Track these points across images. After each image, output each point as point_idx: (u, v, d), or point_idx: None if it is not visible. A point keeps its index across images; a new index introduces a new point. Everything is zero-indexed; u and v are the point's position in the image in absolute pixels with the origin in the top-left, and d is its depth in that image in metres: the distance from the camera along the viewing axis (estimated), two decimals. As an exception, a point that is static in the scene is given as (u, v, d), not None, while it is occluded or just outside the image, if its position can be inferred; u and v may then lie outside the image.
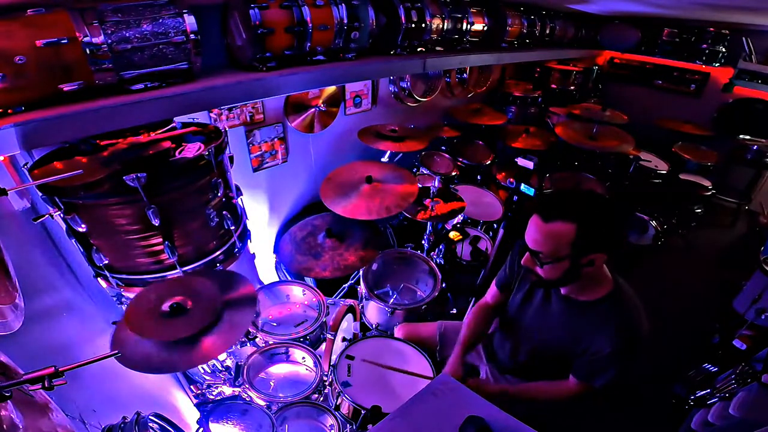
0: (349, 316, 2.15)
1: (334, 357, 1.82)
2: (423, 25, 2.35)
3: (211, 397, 1.97)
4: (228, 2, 1.74)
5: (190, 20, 1.41)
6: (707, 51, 4.19)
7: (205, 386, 2.00)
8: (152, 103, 1.37)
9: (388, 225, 3.25)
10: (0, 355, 0.85)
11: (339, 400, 1.65)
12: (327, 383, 1.79)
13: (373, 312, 2.32)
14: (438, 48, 2.65)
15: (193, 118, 1.88)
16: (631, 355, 1.28)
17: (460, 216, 2.79)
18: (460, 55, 2.77)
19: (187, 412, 2.05)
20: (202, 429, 1.60)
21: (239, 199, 1.79)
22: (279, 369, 1.96)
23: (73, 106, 1.24)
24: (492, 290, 1.73)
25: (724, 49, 4.15)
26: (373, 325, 2.32)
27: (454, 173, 3.38)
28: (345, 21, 1.87)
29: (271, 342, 1.93)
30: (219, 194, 1.56)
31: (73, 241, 1.46)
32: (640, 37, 4.51)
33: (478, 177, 3.63)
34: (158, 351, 1.25)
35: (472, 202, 3.03)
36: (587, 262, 1.23)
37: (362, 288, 2.29)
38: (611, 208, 1.23)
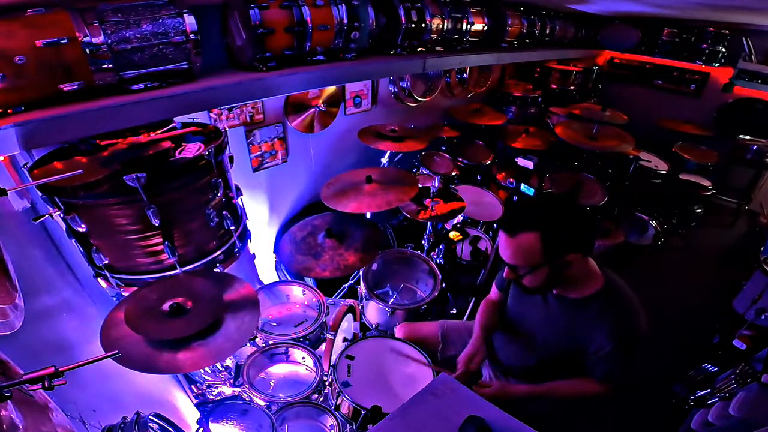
0: (349, 316, 2.15)
1: (334, 357, 1.82)
2: (423, 25, 2.35)
3: (211, 397, 1.97)
4: (228, 2, 1.74)
5: (190, 20, 1.41)
6: (707, 51, 4.19)
7: (205, 386, 2.00)
8: (152, 103, 1.37)
9: (388, 225, 3.25)
10: (0, 354, 0.85)
11: (339, 400, 1.65)
12: (327, 383, 1.79)
13: (373, 312, 2.32)
14: (438, 48, 2.65)
15: (193, 118, 1.88)
16: (632, 350, 1.29)
17: (460, 216, 2.79)
18: (460, 55, 2.77)
19: (187, 412, 2.05)
20: (202, 429, 1.60)
21: (239, 199, 1.79)
22: (279, 369, 1.96)
23: (73, 106, 1.24)
24: (494, 290, 1.76)
25: (724, 49, 4.15)
26: (373, 325, 2.32)
27: (454, 173, 3.38)
28: (345, 21, 1.87)
29: (271, 342, 1.93)
30: (219, 194, 1.56)
31: (73, 241, 1.46)
32: (640, 37, 4.51)
33: (478, 177, 3.63)
34: (158, 351, 1.25)
35: (472, 202, 3.03)
36: (564, 264, 1.26)
37: (362, 288, 2.29)
38: (570, 209, 1.29)
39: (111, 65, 1.29)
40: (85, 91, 1.28)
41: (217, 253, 1.65)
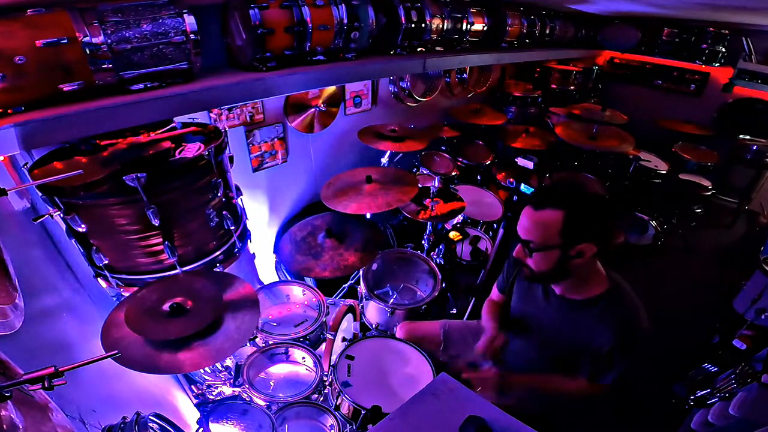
0: (349, 316, 2.15)
1: (334, 357, 1.82)
2: (423, 25, 2.35)
3: (211, 397, 1.97)
4: (228, 2, 1.74)
5: (190, 20, 1.41)
6: (707, 51, 4.19)
7: (205, 386, 2.00)
8: (152, 103, 1.37)
9: (388, 225, 3.25)
10: (0, 354, 0.85)
11: (339, 400, 1.65)
12: (327, 383, 1.79)
13: (373, 312, 2.32)
14: (438, 48, 2.65)
15: (193, 118, 1.88)
16: (631, 352, 1.29)
17: (460, 216, 2.79)
18: (460, 55, 2.77)
19: (187, 412, 2.05)
20: (202, 429, 1.60)
21: (239, 199, 1.79)
22: (279, 369, 1.96)
23: (73, 106, 1.24)
24: (495, 292, 1.76)
25: (724, 49, 4.15)
26: (373, 325, 2.32)
27: (454, 173, 3.38)
28: (345, 21, 1.87)
29: (271, 342, 1.93)
30: (219, 194, 1.56)
31: (73, 241, 1.46)
32: (640, 37, 4.51)
33: (478, 177, 3.63)
34: (158, 351, 1.25)
35: (472, 202, 3.03)
36: (576, 254, 1.25)
37: (362, 288, 2.29)
38: (598, 199, 1.32)
39: (111, 65, 1.29)
40: (85, 91, 1.28)
41: (217, 253, 1.65)
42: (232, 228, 1.66)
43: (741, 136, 4.22)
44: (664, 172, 3.85)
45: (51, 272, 1.65)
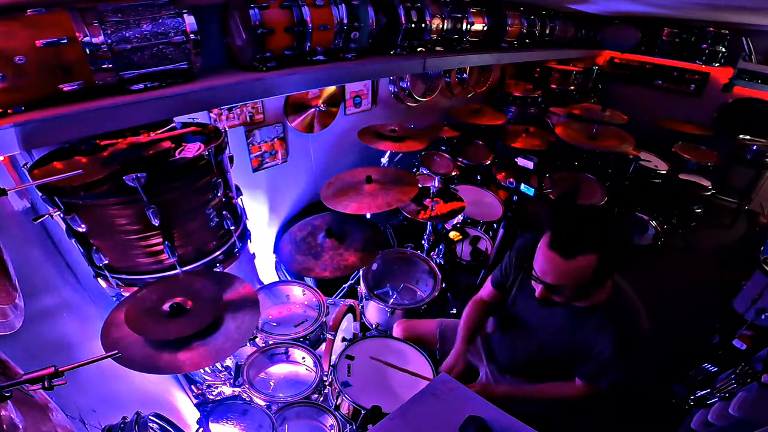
0: (349, 316, 2.15)
1: (334, 357, 1.82)
2: (423, 25, 2.35)
3: (211, 397, 1.97)
4: (228, 2, 1.74)
5: (189, 20, 1.41)
6: (707, 51, 4.19)
7: (205, 386, 2.00)
8: (152, 103, 1.37)
9: (388, 225, 3.25)
10: (0, 354, 0.85)
11: (339, 400, 1.65)
12: (327, 383, 1.79)
13: (373, 312, 2.32)
14: (438, 48, 2.65)
15: (193, 118, 1.88)
16: (631, 356, 1.28)
17: (460, 216, 2.79)
18: (460, 55, 2.77)
19: (187, 412, 2.05)
20: (202, 429, 1.60)
21: (239, 199, 1.79)
22: (279, 369, 1.96)
23: (73, 106, 1.24)
24: (487, 288, 1.72)
25: (723, 49, 4.15)
26: (373, 325, 2.32)
27: (454, 173, 3.38)
28: (345, 21, 1.87)
29: (271, 342, 1.93)
30: (219, 194, 1.56)
31: (73, 241, 1.46)
32: (640, 37, 4.52)
33: (478, 177, 3.63)
34: (158, 351, 1.25)
35: (472, 202, 3.03)
36: (605, 279, 1.24)
37: (362, 288, 2.29)
38: (621, 223, 1.24)
39: (111, 65, 1.29)
40: (85, 91, 1.28)
41: (217, 253, 1.65)
42: (232, 228, 1.66)
43: (741, 136, 4.22)
44: (664, 172, 3.85)
45: (51, 272, 1.65)
